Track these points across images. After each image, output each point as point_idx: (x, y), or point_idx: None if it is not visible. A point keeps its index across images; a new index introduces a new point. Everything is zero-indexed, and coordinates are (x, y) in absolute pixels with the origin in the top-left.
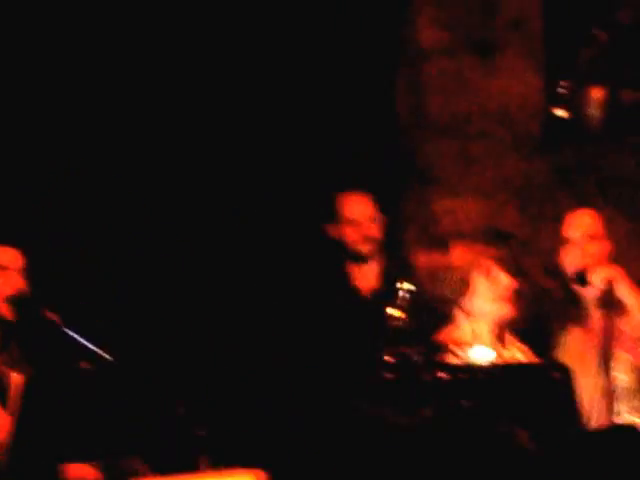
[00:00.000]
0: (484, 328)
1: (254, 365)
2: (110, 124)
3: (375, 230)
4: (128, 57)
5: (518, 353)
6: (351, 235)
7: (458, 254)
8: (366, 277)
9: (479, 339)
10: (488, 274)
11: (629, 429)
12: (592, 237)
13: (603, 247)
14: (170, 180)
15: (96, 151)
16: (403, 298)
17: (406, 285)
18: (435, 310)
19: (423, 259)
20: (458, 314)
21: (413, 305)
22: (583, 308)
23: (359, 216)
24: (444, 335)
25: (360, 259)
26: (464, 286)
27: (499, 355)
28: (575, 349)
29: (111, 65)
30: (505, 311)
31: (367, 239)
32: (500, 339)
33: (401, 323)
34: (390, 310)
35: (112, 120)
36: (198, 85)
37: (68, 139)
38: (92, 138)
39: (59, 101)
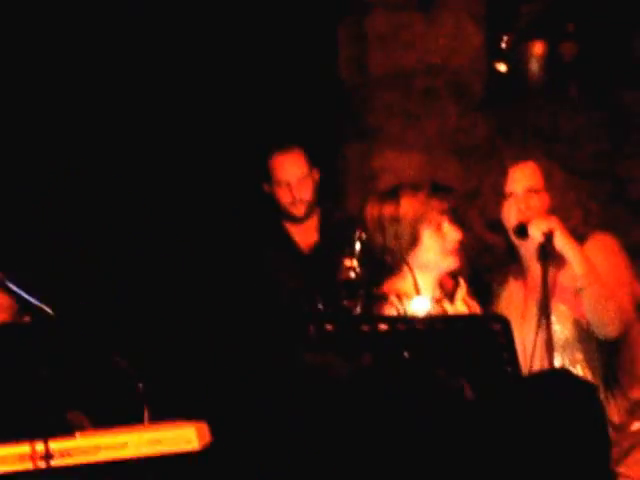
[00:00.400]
0: (429, 280)
1: (197, 317)
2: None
3: (306, 191)
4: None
5: (463, 307)
6: (284, 197)
7: (406, 205)
8: (304, 233)
9: (423, 291)
10: (437, 227)
11: (562, 372)
12: (533, 190)
13: (543, 200)
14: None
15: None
16: (358, 248)
17: (362, 235)
18: (383, 261)
19: (372, 210)
20: (403, 265)
21: (365, 256)
22: (522, 262)
23: (290, 177)
24: (388, 286)
25: (295, 219)
26: (412, 237)
27: (441, 308)
28: (515, 302)
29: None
30: (452, 264)
31: (298, 201)
32: (447, 293)
33: (354, 274)
34: (346, 261)
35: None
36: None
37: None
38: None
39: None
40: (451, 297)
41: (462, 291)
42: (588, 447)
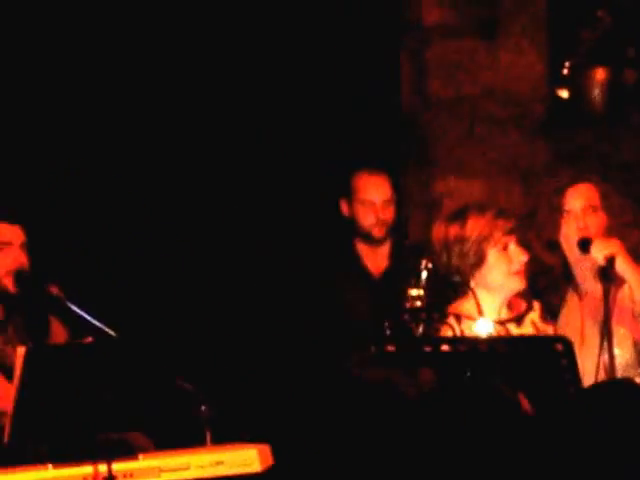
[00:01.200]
0: (495, 302)
1: (259, 342)
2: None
3: (389, 213)
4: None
5: (530, 331)
6: (365, 217)
7: (472, 225)
8: (377, 258)
9: (487, 313)
10: (503, 247)
11: (626, 382)
12: (591, 209)
13: (601, 219)
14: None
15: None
16: (424, 277)
17: (429, 265)
18: (450, 283)
19: (438, 231)
20: (469, 287)
21: (432, 282)
22: (579, 283)
23: (376, 198)
24: (453, 308)
25: (372, 241)
26: (477, 257)
27: (505, 330)
28: (572, 324)
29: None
30: (517, 285)
31: (381, 222)
32: (517, 316)
33: (420, 302)
34: (412, 290)
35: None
36: (196, 66)
37: (68, 121)
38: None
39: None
40: (519, 320)
41: (535, 314)
42: None
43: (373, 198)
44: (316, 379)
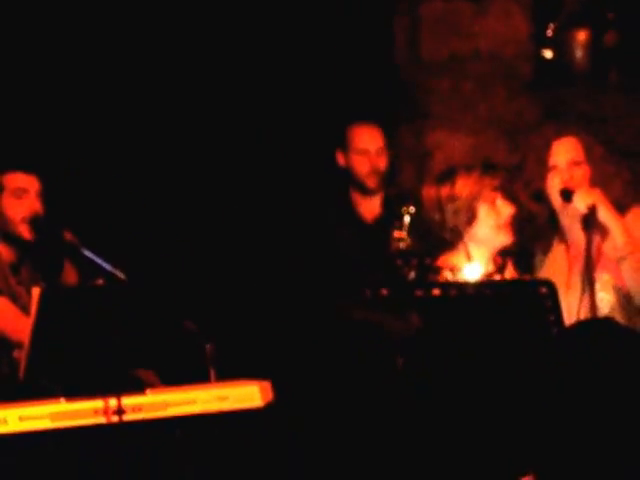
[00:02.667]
0: (484, 255)
1: (260, 283)
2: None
3: (383, 162)
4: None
5: None
6: (360, 166)
7: (462, 185)
8: (370, 206)
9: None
10: (491, 203)
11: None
12: (575, 163)
13: (585, 171)
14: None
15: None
16: (407, 221)
17: (411, 209)
18: (435, 234)
19: (430, 192)
20: (459, 242)
21: (415, 228)
22: (564, 232)
23: (370, 146)
24: (442, 261)
25: (366, 191)
26: (469, 214)
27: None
28: (558, 271)
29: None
30: (505, 239)
31: (375, 171)
32: (498, 268)
33: (404, 245)
34: (396, 233)
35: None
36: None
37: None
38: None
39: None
40: (501, 271)
41: (510, 267)
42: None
43: (367, 146)
44: (314, 319)
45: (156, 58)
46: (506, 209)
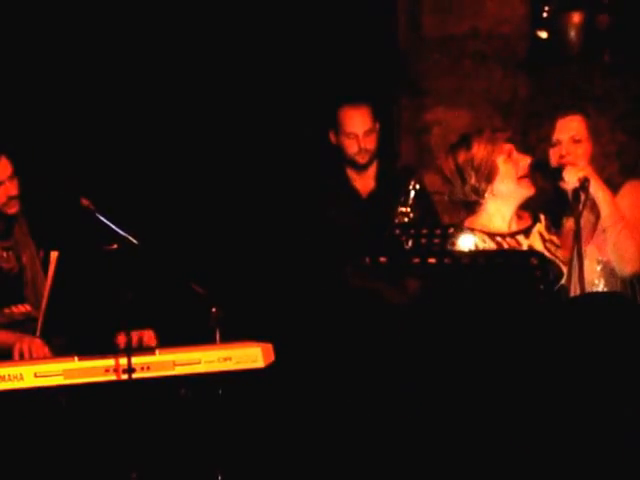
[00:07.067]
0: (508, 212)
1: (265, 250)
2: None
3: (371, 142)
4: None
5: (537, 241)
6: (350, 147)
7: (478, 146)
8: (364, 180)
9: (501, 224)
10: (508, 154)
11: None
12: (576, 140)
13: (585, 149)
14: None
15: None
16: (412, 196)
17: (417, 186)
18: (466, 204)
19: (447, 162)
20: (483, 203)
21: (419, 203)
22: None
23: (358, 130)
24: (470, 222)
25: (357, 167)
26: (489, 170)
27: (515, 242)
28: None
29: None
30: (527, 191)
31: (364, 151)
32: (525, 228)
33: (408, 219)
34: (401, 208)
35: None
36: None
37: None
38: None
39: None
40: (527, 232)
41: (541, 226)
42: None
43: (355, 130)
44: (314, 285)
45: (152, 39)
46: (524, 160)
